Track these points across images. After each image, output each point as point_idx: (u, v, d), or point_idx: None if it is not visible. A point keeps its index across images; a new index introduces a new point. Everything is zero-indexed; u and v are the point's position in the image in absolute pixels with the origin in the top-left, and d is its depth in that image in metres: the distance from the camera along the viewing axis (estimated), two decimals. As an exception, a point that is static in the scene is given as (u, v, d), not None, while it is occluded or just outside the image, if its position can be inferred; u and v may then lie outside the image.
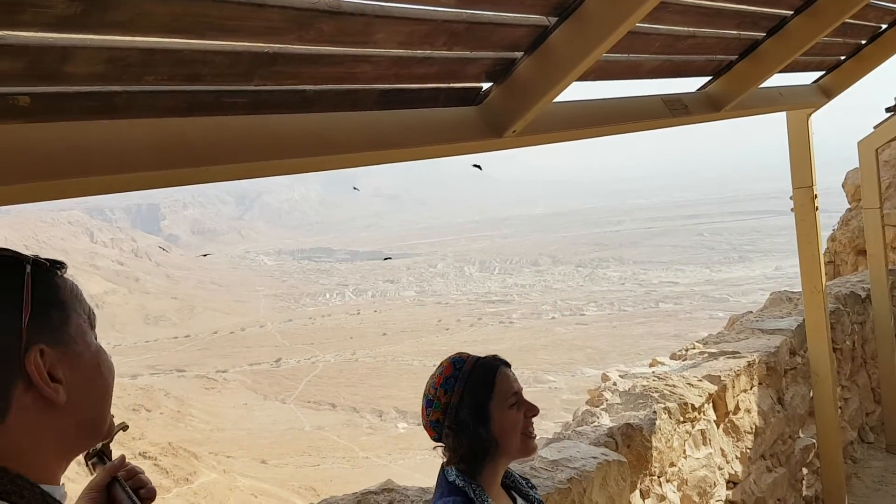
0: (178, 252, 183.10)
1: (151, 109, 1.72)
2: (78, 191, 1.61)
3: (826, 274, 9.73)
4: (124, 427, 1.52)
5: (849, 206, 10.56)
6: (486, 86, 2.47)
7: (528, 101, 2.44)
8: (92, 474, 1.32)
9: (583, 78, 2.75)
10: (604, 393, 4.35)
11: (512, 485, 1.99)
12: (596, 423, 3.94)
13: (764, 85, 3.90)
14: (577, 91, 3.06)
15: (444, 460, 1.87)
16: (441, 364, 1.92)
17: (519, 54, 2.38)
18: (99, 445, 1.38)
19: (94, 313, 1.07)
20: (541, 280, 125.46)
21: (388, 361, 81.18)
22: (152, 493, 1.34)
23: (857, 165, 10.71)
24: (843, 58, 4.50)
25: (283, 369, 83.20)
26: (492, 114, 2.46)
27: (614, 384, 4.47)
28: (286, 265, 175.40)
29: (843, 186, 10.55)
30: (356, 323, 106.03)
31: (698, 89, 3.64)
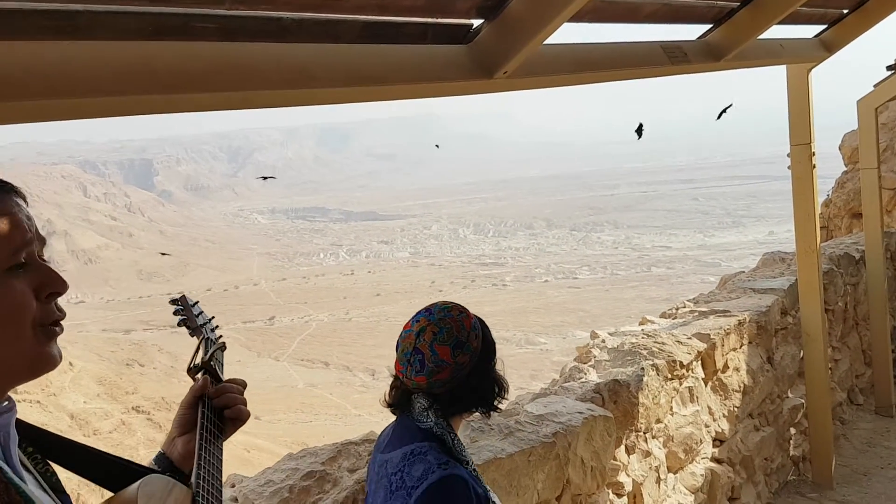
0: (171, 208, 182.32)
1: (114, 31, 1.61)
2: (33, 116, 1.51)
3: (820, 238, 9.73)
4: (223, 347, 1.50)
5: (845, 169, 10.48)
6: (476, 23, 2.36)
7: (520, 41, 2.32)
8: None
9: (577, 18, 2.64)
10: (592, 350, 4.30)
11: None
12: (583, 380, 3.89)
13: (764, 36, 3.78)
14: (572, 34, 2.95)
15: (420, 408, 1.81)
16: (450, 307, 1.86)
17: (511, -12, 2.26)
18: (199, 360, 1.41)
19: (30, 239, 0.98)
20: (535, 243, 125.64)
21: (382, 322, 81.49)
22: (239, 414, 1.33)
23: (853, 128, 10.66)
24: (845, 11, 4.37)
25: (277, 327, 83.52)
26: (482, 53, 2.34)
27: (603, 342, 4.42)
28: (280, 224, 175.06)
29: (839, 149, 10.45)
30: (350, 283, 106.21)
31: (698, 38, 3.52)
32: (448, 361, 1.76)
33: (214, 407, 1.30)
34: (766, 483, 4.90)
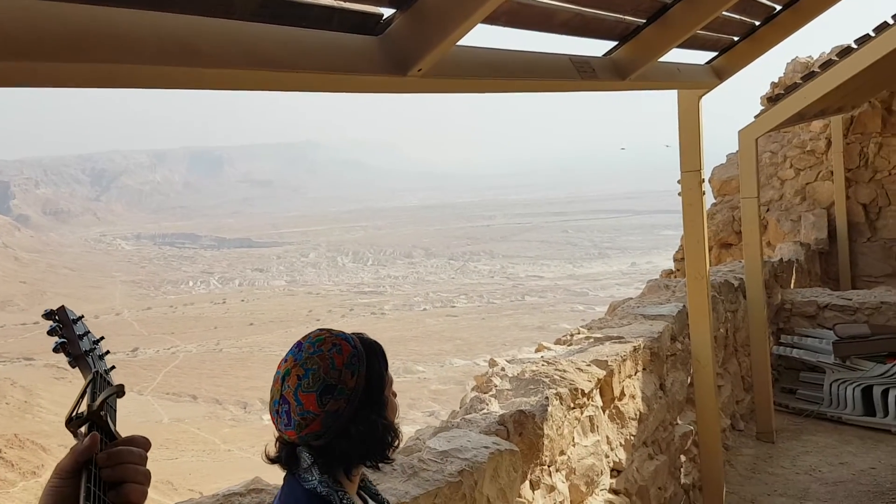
0: (28, 233, 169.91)
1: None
2: None
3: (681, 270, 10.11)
4: (120, 391, 1.06)
5: (714, 201, 10.97)
6: (387, 13, 2.10)
7: (435, 36, 2.09)
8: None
9: (492, 19, 2.45)
10: (492, 378, 4.08)
11: (362, 485, 1.66)
12: (485, 410, 3.66)
13: (665, 59, 3.76)
14: (486, 36, 2.76)
15: (304, 464, 1.50)
16: (323, 340, 1.52)
17: (428, -25, 2.03)
18: (83, 408, 1.00)
19: None
20: (413, 272, 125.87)
21: (255, 352, 78.70)
22: (137, 496, 0.92)
23: (721, 162, 11.22)
24: (736, 38, 4.45)
25: (141, 359, 78.77)
26: (395, 47, 2.09)
27: (503, 370, 4.22)
28: (146, 250, 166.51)
29: (709, 181, 10.94)
30: (221, 312, 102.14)
31: (604, 54, 3.43)
32: (315, 412, 1.44)
33: (104, 479, 0.91)
34: (660, 512, 4.83)
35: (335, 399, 1.45)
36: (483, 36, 2.57)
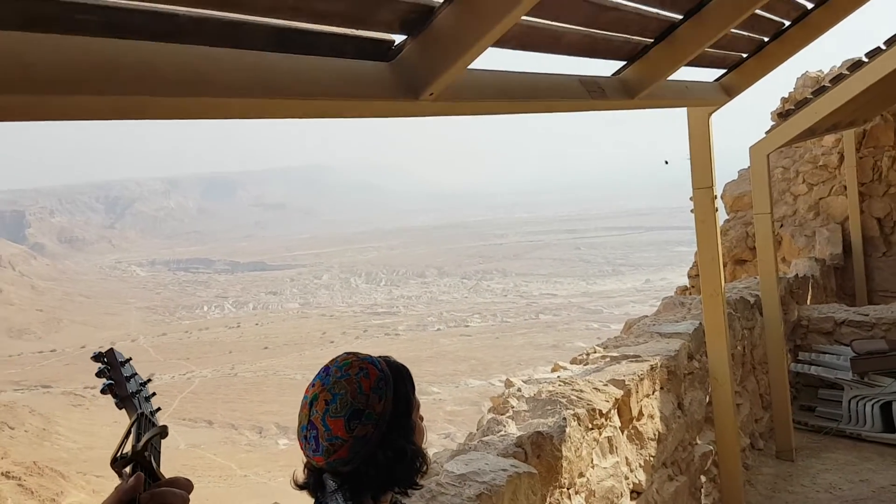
0: (43, 262, 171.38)
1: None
2: None
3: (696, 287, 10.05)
4: (164, 432, 1.10)
5: (727, 217, 10.93)
6: (398, 39, 2.13)
7: (446, 59, 2.11)
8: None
9: (503, 44, 2.47)
10: (509, 400, 4.06)
11: None
12: (503, 432, 3.64)
13: (673, 77, 3.77)
14: (495, 61, 2.78)
15: (330, 490, 1.48)
16: (350, 364, 1.51)
17: (438, 1, 2.05)
18: (127, 448, 1.03)
19: None
20: (427, 292, 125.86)
21: (270, 376, 78.68)
22: None
23: (733, 178, 11.20)
24: (745, 55, 4.46)
25: (157, 385, 77.19)
26: (407, 72, 2.11)
27: (519, 390, 4.21)
28: (160, 276, 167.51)
29: (721, 198, 10.91)
30: (236, 336, 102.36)
31: (613, 74, 3.45)
32: (343, 437, 1.43)
33: None
34: (682, 533, 4.77)
35: (363, 424, 1.44)
36: (493, 58, 2.59)
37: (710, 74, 4.53)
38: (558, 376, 4.47)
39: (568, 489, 3.58)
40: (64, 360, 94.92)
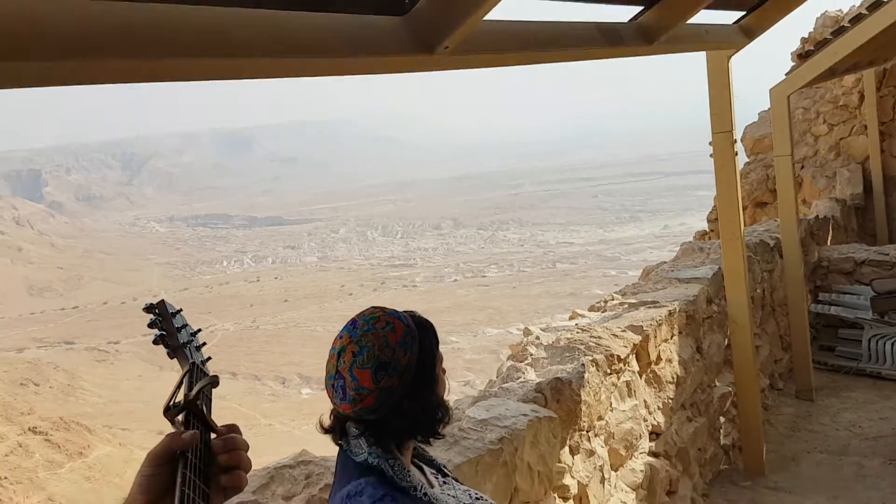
0: (62, 220, 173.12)
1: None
2: None
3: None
4: (215, 382, 1.12)
5: (747, 160, 10.81)
6: (413, -9, 2.12)
7: (462, 12, 2.10)
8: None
9: (518, -8, 2.45)
10: (527, 347, 4.13)
11: (415, 452, 1.71)
12: (522, 379, 3.71)
13: (692, 21, 3.72)
14: (509, 10, 2.76)
15: (353, 437, 1.55)
16: (377, 318, 1.56)
17: (452, -49, 2.04)
18: (180, 397, 1.04)
19: None
20: (443, 243, 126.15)
21: (291, 328, 79.79)
22: (238, 482, 0.99)
23: (753, 121, 11.04)
24: (764, -3, 4.38)
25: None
26: (421, 25, 2.11)
27: (537, 338, 4.27)
28: (179, 232, 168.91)
29: (741, 140, 10.78)
30: (256, 290, 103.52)
31: (630, 20, 3.40)
32: (369, 388, 1.48)
33: (198, 467, 0.96)
34: (701, 474, 4.87)
35: (389, 376, 1.49)
36: (508, 8, 2.57)
37: (729, 17, 4.45)
38: (576, 324, 4.53)
39: (587, 432, 3.67)
40: (86, 316, 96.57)
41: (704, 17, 4.12)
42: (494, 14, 2.32)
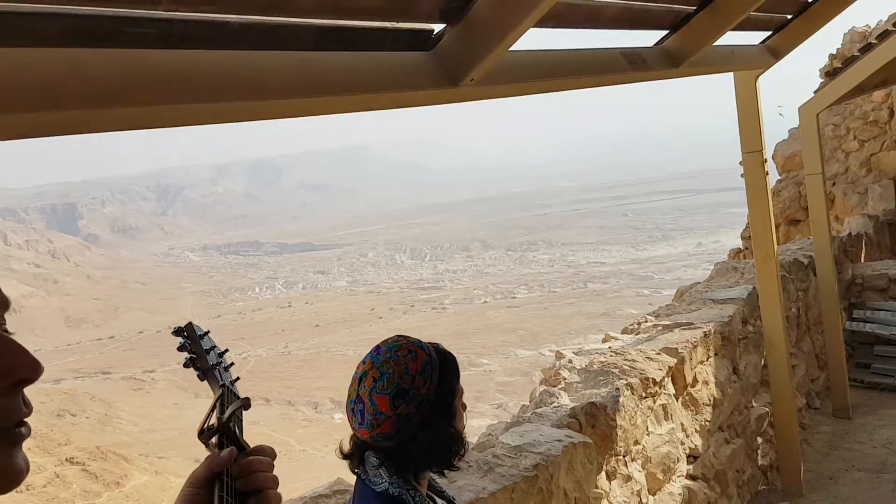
0: (97, 252, 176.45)
1: (34, 37, 1.35)
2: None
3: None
4: (246, 404, 1.15)
5: (779, 178, 10.72)
6: (437, 28, 2.17)
7: (486, 45, 2.15)
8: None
9: (541, 24, 2.48)
10: (560, 371, 4.12)
11: (428, 484, 1.72)
12: (556, 404, 3.70)
13: (718, 43, 3.72)
14: (532, 40, 2.80)
15: (372, 466, 1.57)
16: (400, 346, 1.59)
17: (476, -13, 2.08)
18: (213, 420, 1.07)
19: None
20: (472, 265, 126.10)
21: (322, 353, 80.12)
22: (274, 501, 1.01)
23: (783, 138, 10.94)
24: (789, 17, 4.37)
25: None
26: (447, 59, 2.15)
27: (570, 362, 4.25)
28: (213, 260, 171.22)
29: (772, 158, 10.68)
30: (287, 316, 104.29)
31: (655, 44, 3.42)
32: (387, 413, 1.51)
33: (233, 488, 0.98)
34: (739, 495, 4.79)
35: (407, 403, 1.52)
36: (532, 37, 2.61)
37: (755, 37, 4.45)
38: (609, 347, 4.51)
39: (624, 457, 3.63)
40: (122, 346, 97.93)
41: (730, 38, 4.13)
42: (518, 45, 2.36)
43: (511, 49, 2.30)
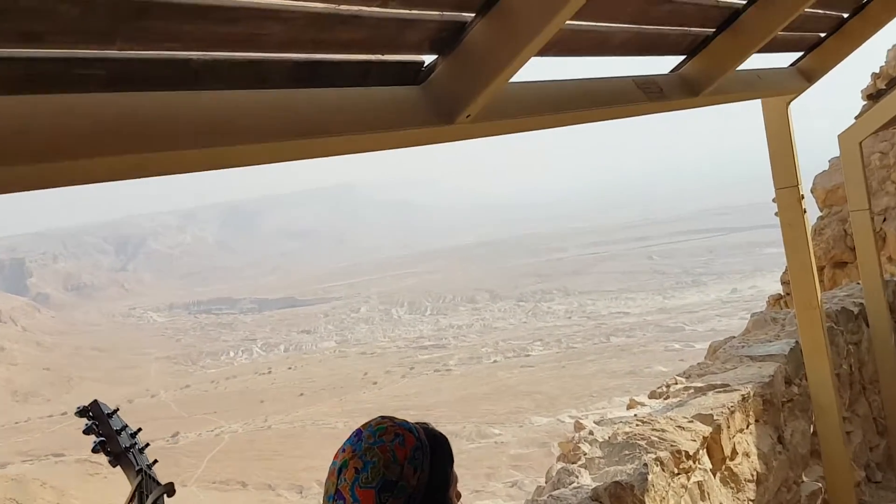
0: (48, 314, 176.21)
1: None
2: None
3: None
4: (169, 490, 1.13)
5: (820, 214, 10.76)
6: (428, 60, 2.21)
7: (483, 77, 2.18)
8: None
9: (544, 52, 2.53)
10: (580, 445, 4.08)
11: None
12: (575, 484, 3.66)
13: (742, 67, 3.78)
14: (536, 70, 2.85)
15: None
16: (385, 429, 1.56)
17: (470, 15, 2.12)
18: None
19: None
20: (479, 319, 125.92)
21: (308, 426, 79.32)
22: None
23: (823, 169, 11.02)
24: (823, 35, 4.44)
25: (182, 445, 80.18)
26: (439, 94, 2.19)
27: (591, 433, 4.22)
28: (180, 321, 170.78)
29: (811, 192, 10.74)
30: (267, 384, 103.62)
31: (671, 70, 3.48)
32: None
33: None
34: (793, 587, 4.71)
35: (395, 497, 1.48)
36: (535, 67, 2.65)
37: (784, 59, 4.51)
38: (635, 414, 4.47)
39: (655, 545, 3.58)
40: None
41: (756, 61, 4.19)
42: (520, 76, 2.40)
43: (511, 81, 2.34)
